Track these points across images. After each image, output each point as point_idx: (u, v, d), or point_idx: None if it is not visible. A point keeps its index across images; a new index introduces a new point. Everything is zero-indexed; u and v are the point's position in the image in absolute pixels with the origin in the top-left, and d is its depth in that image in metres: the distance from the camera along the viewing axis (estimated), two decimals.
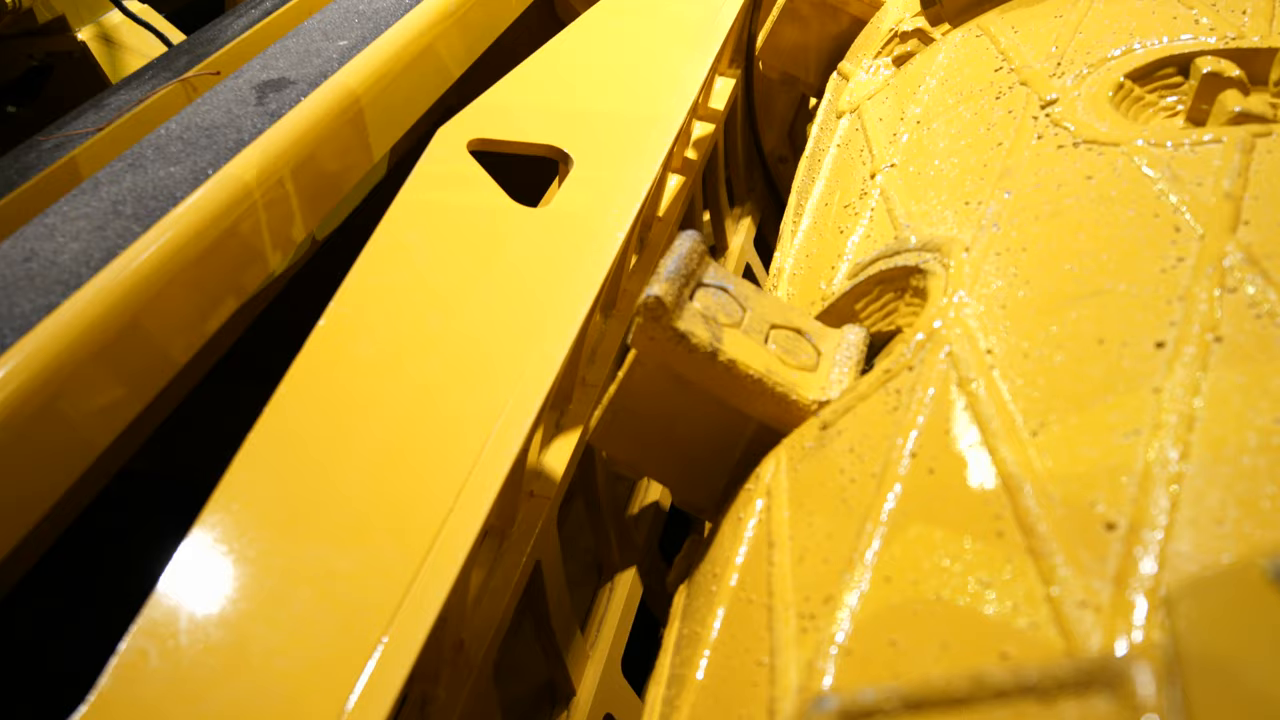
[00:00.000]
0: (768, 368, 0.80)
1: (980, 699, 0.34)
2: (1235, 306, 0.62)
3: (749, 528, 0.74)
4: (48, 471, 0.78)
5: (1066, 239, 0.73)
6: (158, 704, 0.61)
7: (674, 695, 0.71)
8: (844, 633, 0.57)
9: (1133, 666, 0.32)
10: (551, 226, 1.02)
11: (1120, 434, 0.57)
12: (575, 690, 1.21)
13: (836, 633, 0.57)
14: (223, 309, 0.86)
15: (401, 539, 0.76)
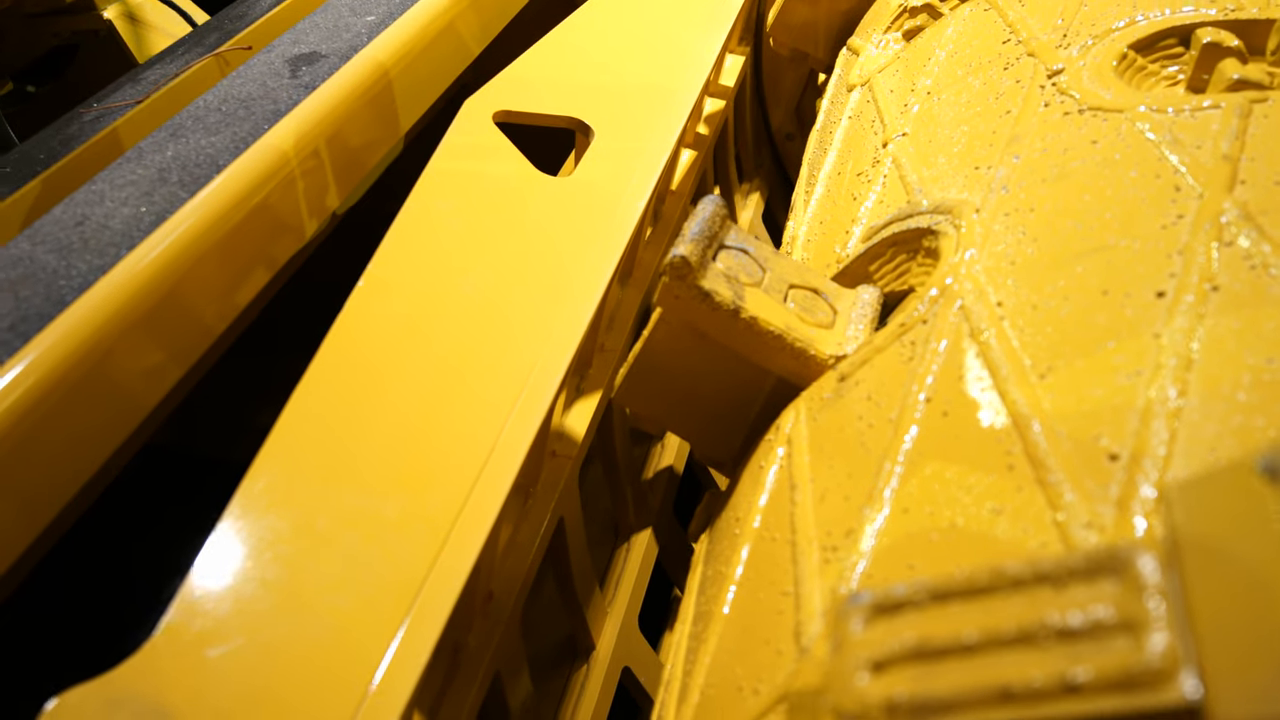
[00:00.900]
0: (787, 325, 0.84)
1: (999, 588, 0.38)
2: (1231, 259, 0.65)
3: (770, 474, 0.78)
4: (99, 431, 0.82)
5: (1072, 199, 0.77)
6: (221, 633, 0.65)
7: (700, 630, 0.75)
8: (865, 560, 0.61)
9: (1137, 554, 0.36)
10: (575, 195, 1.06)
11: (1123, 375, 0.61)
12: (595, 644, 1.26)
13: (858, 561, 0.61)
14: (261, 275, 0.90)
15: (440, 490, 0.80)
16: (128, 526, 2.02)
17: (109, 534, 2.09)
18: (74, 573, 2.05)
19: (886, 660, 0.39)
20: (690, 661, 0.74)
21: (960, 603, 0.39)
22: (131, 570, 2.25)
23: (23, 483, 0.71)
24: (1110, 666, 0.34)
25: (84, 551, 2.03)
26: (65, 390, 0.72)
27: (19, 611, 0.95)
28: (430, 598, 0.72)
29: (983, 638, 0.37)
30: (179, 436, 1.99)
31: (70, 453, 0.79)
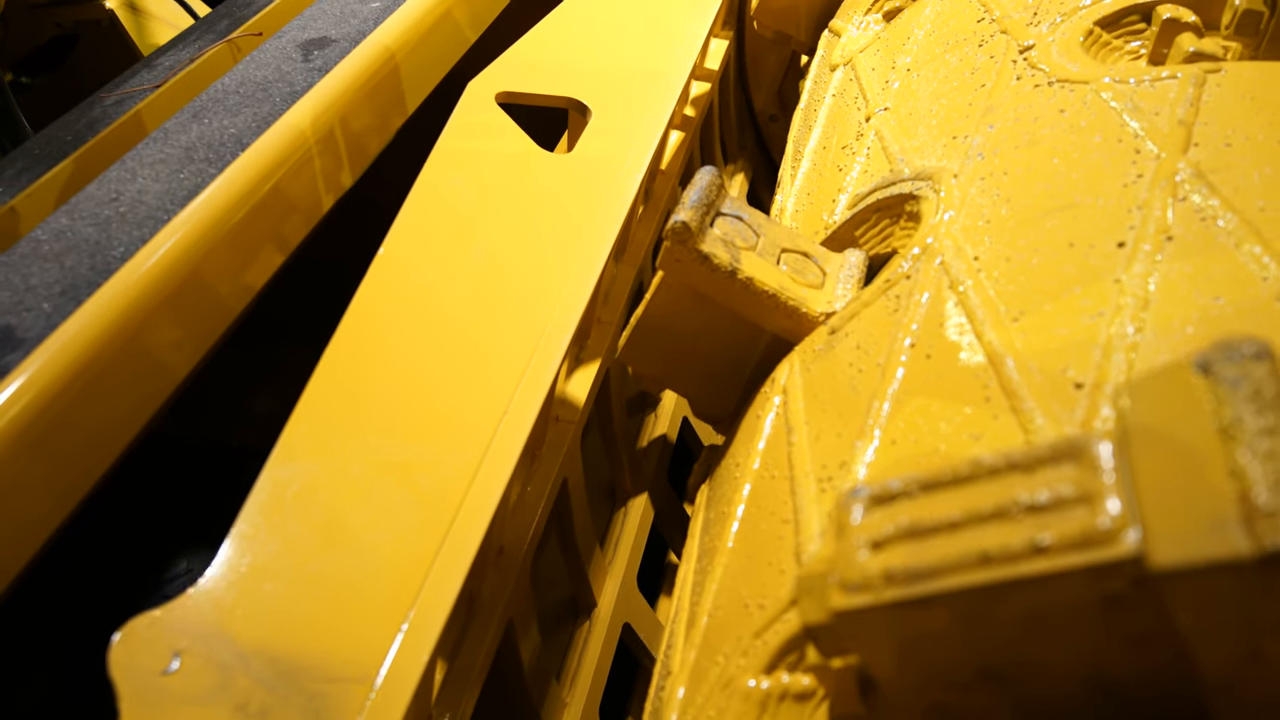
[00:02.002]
0: (780, 285, 0.90)
1: (978, 476, 0.45)
2: (1184, 212, 0.72)
3: (768, 421, 0.85)
4: (135, 397, 0.88)
5: (1042, 163, 0.83)
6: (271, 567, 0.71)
7: (706, 565, 0.82)
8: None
9: (1093, 441, 0.42)
10: (575, 171, 1.12)
11: (1087, 316, 0.67)
12: (596, 602, 1.32)
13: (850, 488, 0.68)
14: (287, 247, 0.96)
15: (459, 444, 0.86)
16: (129, 513, 2.06)
17: (111, 521, 2.14)
18: (79, 558, 2.10)
19: (883, 540, 0.45)
20: (697, 593, 0.80)
21: (945, 490, 0.45)
22: (134, 555, 2.30)
23: (81, 435, 0.76)
24: (1071, 531, 0.41)
25: (88, 538, 2.07)
26: (116, 350, 0.77)
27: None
28: (455, 538, 0.78)
29: (965, 516, 0.43)
30: (175, 424, 2.03)
31: (114, 416, 0.84)
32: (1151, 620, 0.41)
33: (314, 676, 0.66)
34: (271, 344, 1.45)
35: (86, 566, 2.13)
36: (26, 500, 0.77)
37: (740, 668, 0.65)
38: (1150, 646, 0.42)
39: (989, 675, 0.46)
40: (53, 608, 2.06)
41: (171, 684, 0.63)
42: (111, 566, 2.20)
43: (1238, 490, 0.37)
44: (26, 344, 0.74)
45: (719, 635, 0.71)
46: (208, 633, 0.66)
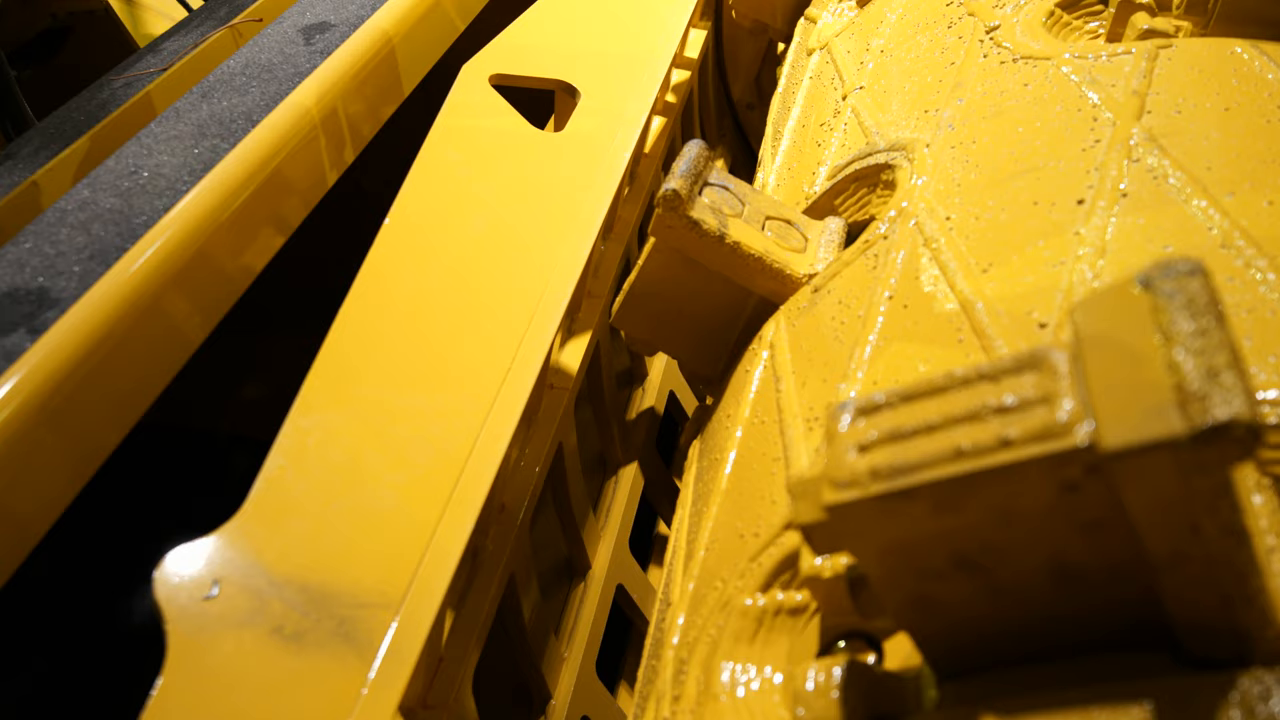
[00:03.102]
0: (766, 249, 0.96)
1: (952, 386, 0.50)
2: (1138, 172, 0.79)
3: (756, 374, 0.90)
4: (156, 362, 0.92)
5: (1008, 131, 0.90)
6: (298, 506, 0.76)
7: (700, 507, 0.88)
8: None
9: (1050, 351, 0.48)
10: (567, 149, 1.18)
11: (1050, 265, 0.74)
12: (590, 564, 1.38)
13: None
14: (298, 215, 1.00)
15: (466, 396, 0.91)
16: (120, 500, 2.09)
17: (102, 507, 2.17)
18: (70, 545, 2.13)
19: (869, 444, 0.51)
20: (694, 532, 0.86)
21: (923, 400, 0.51)
22: (124, 541, 2.32)
23: (110, 394, 0.81)
24: (1033, 427, 0.47)
25: (78, 526, 2.09)
26: (143, 310, 0.82)
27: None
28: (467, 479, 0.84)
29: (941, 419, 0.49)
30: (163, 412, 2.07)
31: (137, 379, 0.89)
32: (1104, 507, 0.47)
33: (343, 602, 0.71)
34: (256, 332, 1.49)
35: (77, 554, 2.16)
36: (62, 456, 0.82)
37: (737, 589, 0.71)
38: (1104, 531, 0.48)
39: (964, 564, 0.52)
40: (44, 595, 2.09)
41: (212, 608, 0.68)
42: (103, 553, 2.23)
43: (1174, 381, 0.43)
44: (62, 303, 0.78)
45: (716, 564, 0.77)
46: (243, 563, 0.71)
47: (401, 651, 0.71)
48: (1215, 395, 0.42)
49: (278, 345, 2.31)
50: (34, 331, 0.76)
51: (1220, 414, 0.41)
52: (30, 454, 0.79)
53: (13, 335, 0.76)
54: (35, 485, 0.81)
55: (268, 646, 0.68)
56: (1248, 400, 0.41)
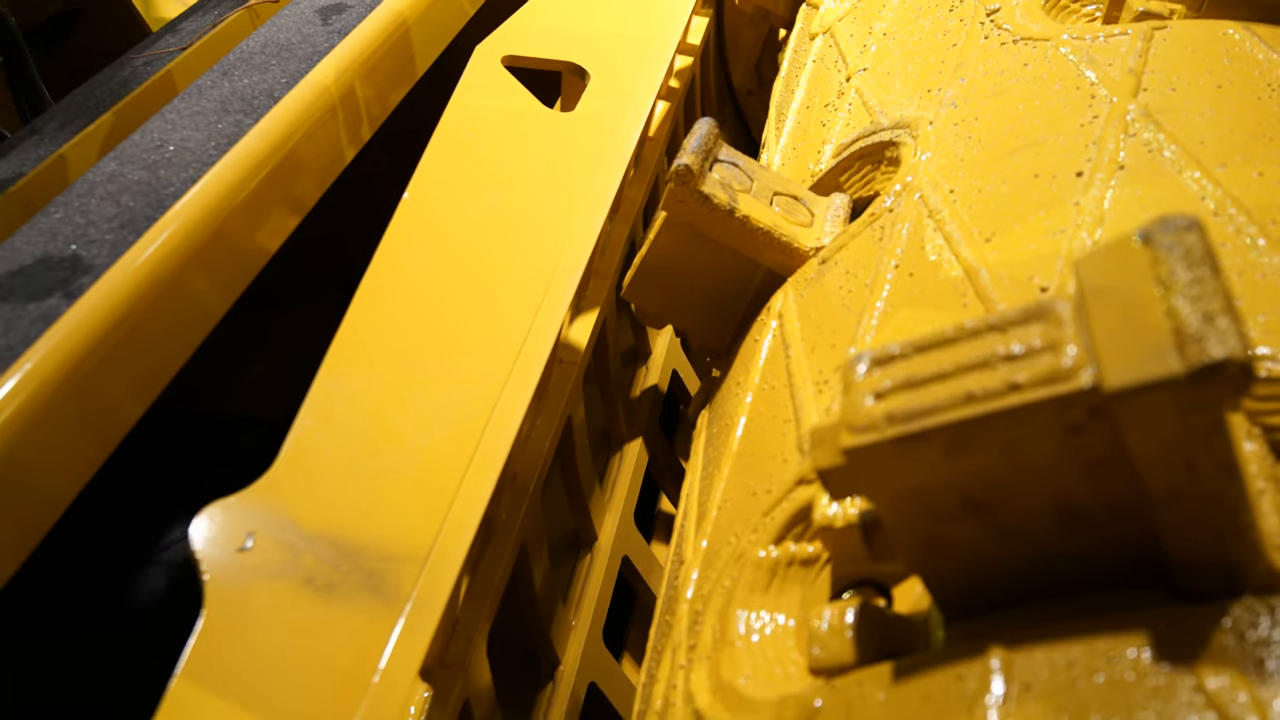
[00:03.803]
0: (774, 223, 0.99)
1: (962, 337, 0.53)
2: (1134, 146, 0.82)
3: (765, 342, 0.94)
4: (181, 333, 0.95)
5: (1009, 109, 0.93)
6: (326, 464, 0.79)
7: (711, 471, 0.91)
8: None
9: (1056, 302, 0.51)
10: (578, 129, 1.20)
11: (1050, 233, 0.77)
12: (597, 535, 1.41)
13: None
14: (319, 189, 1.03)
15: (485, 364, 0.94)
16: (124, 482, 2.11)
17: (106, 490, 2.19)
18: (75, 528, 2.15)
19: (884, 391, 0.54)
20: (705, 493, 0.89)
21: (935, 350, 0.54)
22: (130, 524, 2.35)
23: (139, 361, 0.84)
24: (1040, 372, 0.50)
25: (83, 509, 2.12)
26: (172, 277, 0.84)
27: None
28: (486, 442, 0.86)
29: (953, 367, 0.52)
30: (166, 396, 2.09)
31: (165, 348, 0.92)
32: (1107, 448, 0.50)
33: (371, 556, 0.74)
34: (260, 313, 1.51)
35: (83, 536, 2.18)
36: (89, 426, 0.84)
37: (751, 542, 0.74)
38: (1106, 472, 0.52)
39: (973, 506, 0.55)
40: (50, 577, 2.11)
41: (247, 559, 0.71)
42: (108, 535, 2.25)
43: (1172, 326, 0.46)
44: (95, 270, 0.81)
45: (729, 521, 0.80)
46: (275, 517, 0.74)
47: (428, 602, 0.74)
48: (1211, 337, 0.45)
49: (283, 324, 2.34)
50: (69, 296, 0.78)
51: (1216, 353, 0.44)
52: (62, 420, 0.82)
53: (49, 299, 0.78)
54: (64, 453, 0.84)
55: (300, 597, 0.71)
56: (1241, 341, 0.44)
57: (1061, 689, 0.50)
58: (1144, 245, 0.50)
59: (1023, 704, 0.50)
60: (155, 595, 2.34)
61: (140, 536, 2.43)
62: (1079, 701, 0.49)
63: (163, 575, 2.42)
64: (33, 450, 0.78)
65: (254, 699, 0.65)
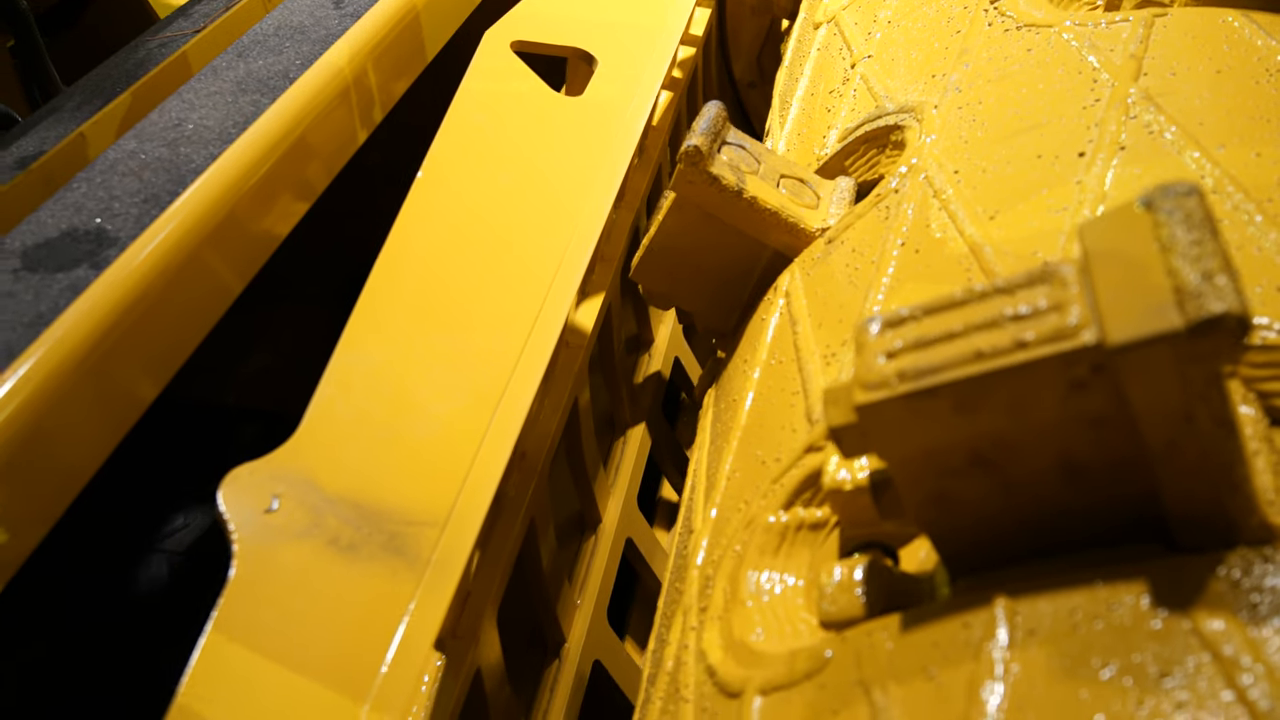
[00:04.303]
0: (781, 204, 1.01)
1: (971, 300, 0.56)
2: (1135, 128, 0.84)
3: (773, 320, 0.96)
4: (202, 308, 0.97)
5: (1012, 93, 0.95)
6: (348, 432, 0.81)
7: (720, 445, 0.93)
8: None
9: (1061, 266, 0.54)
10: (586, 114, 1.23)
11: (1053, 211, 0.79)
12: (601, 517, 1.43)
13: (852, 359, 0.79)
14: (333, 168, 1.05)
15: (499, 340, 0.96)
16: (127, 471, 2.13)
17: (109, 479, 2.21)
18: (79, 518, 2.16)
19: (895, 351, 0.56)
20: (713, 466, 0.91)
21: (945, 312, 0.56)
22: (134, 512, 2.36)
23: (163, 330, 0.86)
24: (1045, 330, 0.52)
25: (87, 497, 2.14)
26: (195, 248, 0.86)
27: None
28: (501, 416, 0.89)
29: (962, 327, 0.54)
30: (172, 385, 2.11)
31: (188, 317, 0.93)
32: (1109, 404, 0.53)
33: (392, 519, 0.76)
34: (257, 305, 1.54)
35: (85, 525, 2.19)
36: (108, 402, 0.86)
37: (761, 508, 0.76)
38: (1108, 429, 0.54)
39: (980, 462, 0.57)
40: (53, 565, 2.12)
41: (273, 520, 0.73)
42: (110, 524, 2.27)
43: (1172, 284, 0.48)
44: (120, 242, 0.83)
45: (739, 489, 0.82)
46: (299, 481, 0.76)
47: (448, 563, 0.76)
48: (1209, 293, 0.47)
49: (280, 316, 2.35)
50: (96, 267, 0.80)
51: (1214, 308, 0.46)
52: (86, 392, 0.84)
53: (76, 270, 0.80)
54: (87, 426, 0.85)
55: (325, 556, 0.73)
56: (1239, 297, 0.47)
57: (1064, 634, 0.52)
58: (1146, 210, 0.52)
59: (1027, 648, 0.53)
60: (158, 583, 2.36)
61: (142, 525, 2.45)
62: (1081, 645, 0.51)
63: (164, 564, 2.43)
64: (59, 419, 0.80)
65: (282, 652, 0.67)
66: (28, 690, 2.10)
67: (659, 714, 0.73)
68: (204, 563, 2.38)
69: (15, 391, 0.72)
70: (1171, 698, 0.47)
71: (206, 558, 2.39)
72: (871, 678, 0.57)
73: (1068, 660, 0.51)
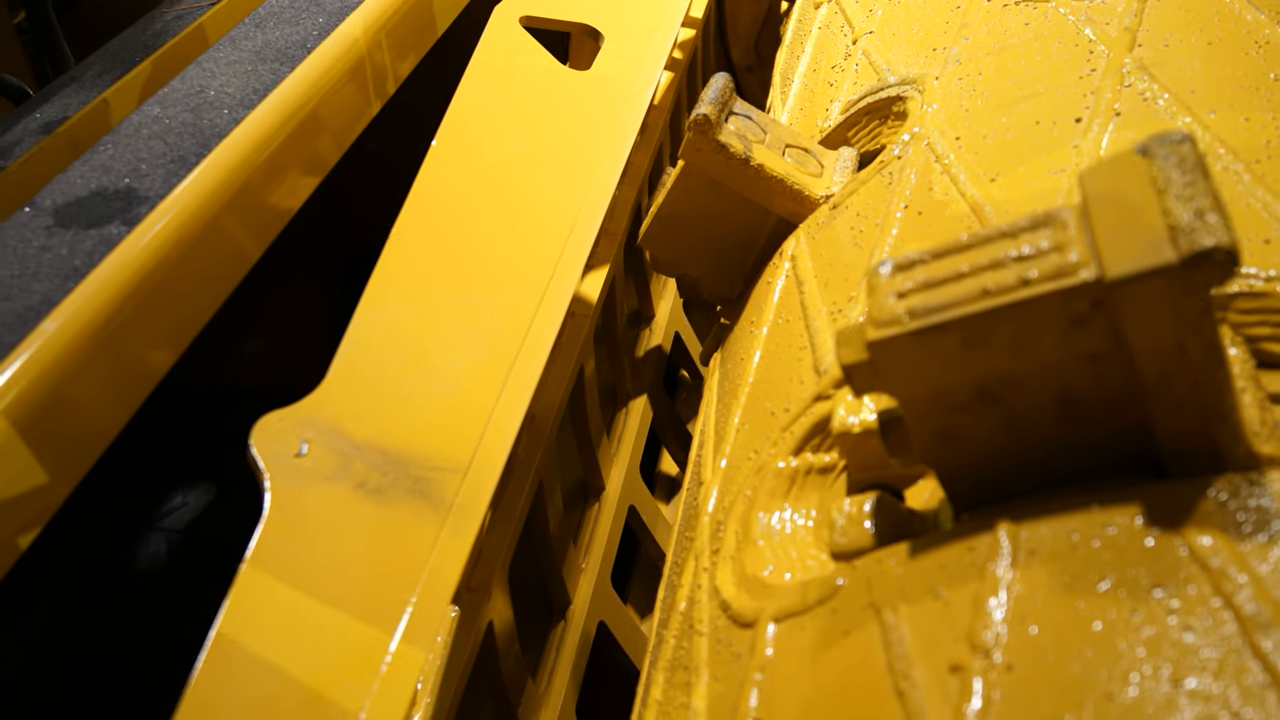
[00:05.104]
0: (787, 172, 1.04)
1: (976, 244, 0.59)
2: (1130, 95, 0.88)
3: (779, 283, 0.99)
4: (221, 274, 0.99)
5: (1011, 64, 0.98)
6: (371, 384, 0.84)
7: (727, 401, 0.96)
8: (864, 310, 0.82)
9: (1061, 210, 0.57)
10: (593, 87, 1.26)
11: (1051, 172, 0.82)
12: (604, 486, 1.46)
13: (859, 313, 0.83)
14: (349, 136, 1.08)
15: (514, 299, 0.99)
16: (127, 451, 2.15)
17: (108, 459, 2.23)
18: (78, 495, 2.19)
19: (906, 291, 0.59)
20: (722, 420, 0.94)
21: (952, 255, 0.59)
22: (133, 491, 2.39)
23: (190, 286, 0.88)
24: (1048, 268, 0.55)
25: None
26: (221, 208, 0.89)
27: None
28: (518, 371, 0.92)
29: (969, 268, 0.58)
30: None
31: (212, 278, 0.96)
32: (1107, 340, 0.56)
33: (417, 465, 0.79)
34: (253, 286, 1.57)
35: (85, 502, 2.21)
36: (127, 366, 0.88)
37: (771, 455, 0.80)
38: (1105, 364, 0.57)
39: (984, 397, 0.60)
40: (54, 541, 2.14)
41: (303, 464, 0.76)
42: (109, 502, 2.29)
43: (1167, 223, 0.52)
44: (151, 200, 0.85)
45: (748, 439, 0.85)
46: (327, 427, 0.79)
47: (470, 507, 0.79)
48: (1201, 229, 0.51)
49: (276, 298, 2.37)
50: (128, 223, 0.83)
51: (1206, 242, 0.50)
52: (114, 350, 0.86)
53: (108, 226, 0.83)
54: (110, 388, 0.88)
55: (353, 499, 0.76)
56: (1229, 232, 0.50)
57: (1064, 553, 0.56)
58: (1142, 157, 0.56)
59: (1029, 567, 0.56)
60: (157, 561, 2.39)
61: (141, 503, 2.47)
62: (1079, 562, 0.55)
63: (163, 541, 2.46)
64: (93, 369, 0.82)
65: (315, 585, 0.70)
66: (27, 666, 2.12)
67: (673, 651, 0.77)
68: (202, 541, 2.41)
69: (56, 338, 0.74)
70: (1164, 605, 0.51)
71: (204, 536, 2.42)
72: (882, 600, 0.60)
73: (1067, 576, 0.54)
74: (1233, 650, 0.48)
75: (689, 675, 0.72)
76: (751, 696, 0.63)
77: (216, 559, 2.44)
